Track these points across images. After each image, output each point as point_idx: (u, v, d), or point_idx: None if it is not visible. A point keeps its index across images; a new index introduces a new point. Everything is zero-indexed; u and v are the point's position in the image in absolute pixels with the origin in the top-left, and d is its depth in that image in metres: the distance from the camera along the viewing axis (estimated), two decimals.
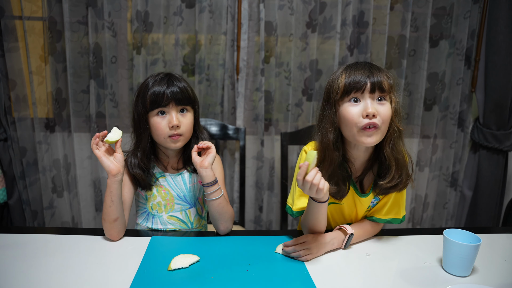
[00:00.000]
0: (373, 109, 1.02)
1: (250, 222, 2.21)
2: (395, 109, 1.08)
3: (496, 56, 2.00)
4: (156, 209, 1.29)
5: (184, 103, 1.20)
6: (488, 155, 2.16)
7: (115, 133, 1.13)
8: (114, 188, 1.13)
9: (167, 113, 1.19)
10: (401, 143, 1.10)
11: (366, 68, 1.06)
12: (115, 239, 1.17)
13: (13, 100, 1.87)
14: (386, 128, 1.07)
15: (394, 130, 1.07)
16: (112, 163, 1.13)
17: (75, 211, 2.10)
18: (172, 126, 1.17)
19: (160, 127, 1.18)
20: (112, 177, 1.13)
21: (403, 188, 1.15)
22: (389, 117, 1.05)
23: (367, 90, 1.04)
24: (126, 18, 1.94)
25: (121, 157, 1.15)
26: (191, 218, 1.32)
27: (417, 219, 2.30)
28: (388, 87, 1.05)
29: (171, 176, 1.29)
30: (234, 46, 1.99)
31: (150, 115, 1.19)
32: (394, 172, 1.10)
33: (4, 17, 1.78)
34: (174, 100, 1.17)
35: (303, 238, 1.11)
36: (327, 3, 1.98)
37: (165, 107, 1.18)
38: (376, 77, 1.04)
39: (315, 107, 2.09)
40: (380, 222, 1.24)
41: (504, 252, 1.19)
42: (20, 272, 0.98)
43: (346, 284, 0.99)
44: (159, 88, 1.16)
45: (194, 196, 1.31)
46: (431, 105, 2.17)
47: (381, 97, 1.05)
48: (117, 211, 1.14)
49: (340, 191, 1.13)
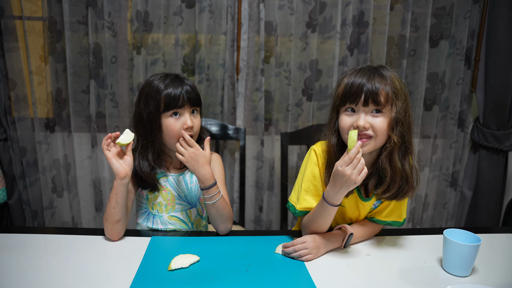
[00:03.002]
0: (364, 122, 1.03)
1: (250, 222, 2.21)
2: (395, 119, 1.04)
3: (496, 56, 2.00)
4: (156, 209, 1.29)
5: (196, 104, 1.21)
6: (488, 155, 2.16)
7: (127, 135, 1.13)
8: (120, 191, 1.13)
9: (181, 114, 1.19)
10: (397, 155, 1.06)
11: (365, 77, 1.04)
12: (115, 239, 1.17)
13: (13, 100, 1.87)
14: (382, 139, 1.06)
15: (391, 141, 1.05)
16: (121, 166, 1.13)
17: (75, 211, 2.10)
18: (187, 128, 1.17)
19: (174, 128, 1.18)
20: (119, 179, 1.12)
21: (401, 198, 1.12)
22: (383, 129, 1.04)
23: (360, 103, 1.04)
24: (126, 18, 1.94)
25: (130, 160, 1.15)
26: (191, 218, 1.32)
27: (417, 219, 2.30)
28: (384, 99, 1.02)
29: (173, 176, 1.29)
30: (234, 46, 1.99)
31: (163, 116, 1.18)
32: (389, 182, 1.08)
33: (4, 17, 1.78)
34: (189, 101, 1.18)
35: (303, 239, 1.11)
36: (327, 3, 1.98)
37: (180, 109, 1.18)
38: (373, 86, 1.02)
39: (315, 107, 2.09)
40: (380, 223, 1.24)
41: (504, 252, 1.19)
42: (20, 272, 0.98)
43: (346, 284, 0.99)
44: (175, 90, 1.16)
45: (195, 196, 1.31)
46: (431, 105, 2.17)
47: (376, 109, 1.04)
48: (120, 213, 1.15)
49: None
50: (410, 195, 1.12)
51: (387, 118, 1.04)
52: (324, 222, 1.11)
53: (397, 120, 1.04)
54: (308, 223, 1.16)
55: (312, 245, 1.09)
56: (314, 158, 1.18)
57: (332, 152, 1.12)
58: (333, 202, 1.06)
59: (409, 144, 1.08)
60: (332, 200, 1.05)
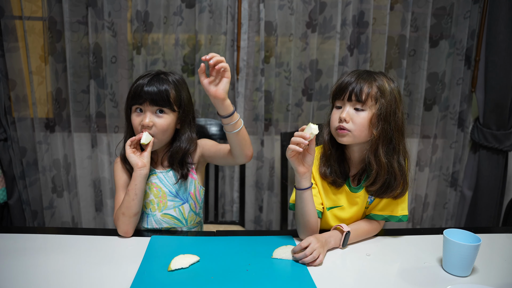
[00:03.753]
0: (346, 115, 1.14)
1: (250, 222, 2.21)
2: (378, 116, 1.13)
3: (496, 56, 2.00)
4: (149, 208, 1.29)
5: (161, 104, 1.20)
6: (488, 155, 2.16)
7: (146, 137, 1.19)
8: (138, 181, 1.18)
9: (143, 111, 1.22)
10: (382, 151, 1.14)
11: (355, 76, 1.15)
12: (128, 235, 1.20)
13: (13, 100, 1.87)
14: (360, 133, 1.14)
15: (372, 135, 1.14)
16: (138, 158, 1.19)
17: (75, 211, 2.10)
18: (142, 125, 1.20)
19: (134, 123, 1.23)
20: (138, 169, 1.18)
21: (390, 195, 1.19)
22: (362, 124, 1.14)
23: (345, 98, 1.15)
24: (126, 18, 1.94)
25: (147, 155, 1.20)
26: (185, 215, 1.31)
27: (417, 219, 2.30)
28: (366, 96, 1.12)
29: (161, 173, 1.30)
30: (234, 46, 1.99)
31: (132, 110, 1.24)
32: (375, 175, 1.16)
33: (4, 17, 1.78)
34: (149, 100, 1.19)
35: (306, 242, 1.09)
36: (327, 3, 1.98)
37: (141, 105, 1.21)
38: (358, 86, 1.13)
39: (315, 107, 2.09)
40: (376, 218, 1.24)
41: (504, 252, 1.19)
42: (20, 272, 0.98)
43: (346, 284, 0.99)
44: (141, 86, 1.20)
45: (185, 190, 1.31)
46: (431, 105, 2.17)
47: (359, 106, 1.14)
48: (139, 205, 1.19)
49: (336, 181, 1.22)
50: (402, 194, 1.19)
51: (369, 114, 1.14)
52: (305, 210, 1.14)
53: (379, 117, 1.13)
54: (296, 215, 1.20)
55: (317, 244, 1.09)
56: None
57: (326, 145, 1.23)
58: (299, 186, 1.12)
59: (396, 144, 1.15)
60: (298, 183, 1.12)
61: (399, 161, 1.17)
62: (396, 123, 1.15)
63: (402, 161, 1.18)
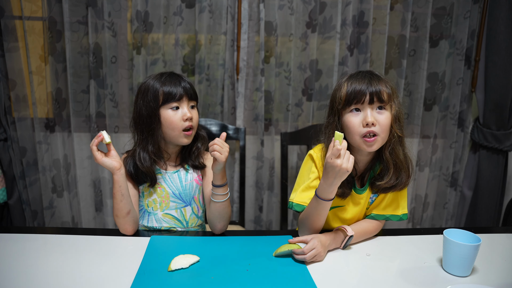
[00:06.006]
0: (372, 118, 1.10)
1: (250, 222, 2.21)
2: (395, 116, 1.15)
3: (496, 56, 2.00)
4: (151, 207, 1.30)
5: (194, 98, 1.26)
6: (488, 155, 2.16)
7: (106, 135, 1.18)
8: (122, 182, 1.18)
9: (180, 107, 1.23)
10: (400, 148, 1.17)
11: (366, 79, 1.13)
12: (130, 233, 1.21)
13: (13, 100, 1.87)
14: (386, 135, 1.14)
15: (394, 136, 1.15)
16: (113, 160, 1.18)
17: (75, 211, 2.10)
18: (186, 119, 1.21)
19: (174, 120, 1.22)
20: (117, 171, 1.18)
21: (401, 188, 1.21)
22: (388, 124, 1.13)
23: (366, 101, 1.11)
24: (126, 18, 1.94)
25: (116, 154, 1.20)
26: (186, 216, 1.32)
27: (417, 219, 2.30)
28: (387, 96, 1.12)
29: (168, 173, 1.30)
30: (234, 46, 1.99)
31: (162, 109, 1.22)
32: (392, 174, 1.17)
33: (4, 17, 1.78)
34: (187, 95, 1.23)
35: (309, 237, 1.11)
36: (327, 3, 1.98)
37: (179, 101, 1.22)
38: (375, 87, 1.11)
39: (315, 107, 2.09)
40: (378, 218, 1.24)
41: (504, 252, 1.19)
42: (20, 272, 0.98)
43: (346, 283, 0.99)
44: (173, 84, 1.22)
45: (189, 194, 1.31)
46: (431, 105, 2.17)
47: (380, 106, 1.13)
48: (128, 204, 1.20)
49: (344, 193, 1.20)
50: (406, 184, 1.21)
51: (390, 114, 1.13)
52: (319, 218, 1.14)
53: (396, 116, 1.15)
54: (304, 219, 1.18)
55: (318, 244, 1.09)
56: (312, 163, 1.23)
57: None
58: (327, 197, 1.09)
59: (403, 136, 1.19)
60: (326, 194, 1.08)
61: (405, 152, 1.20)
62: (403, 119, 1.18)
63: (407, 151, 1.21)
